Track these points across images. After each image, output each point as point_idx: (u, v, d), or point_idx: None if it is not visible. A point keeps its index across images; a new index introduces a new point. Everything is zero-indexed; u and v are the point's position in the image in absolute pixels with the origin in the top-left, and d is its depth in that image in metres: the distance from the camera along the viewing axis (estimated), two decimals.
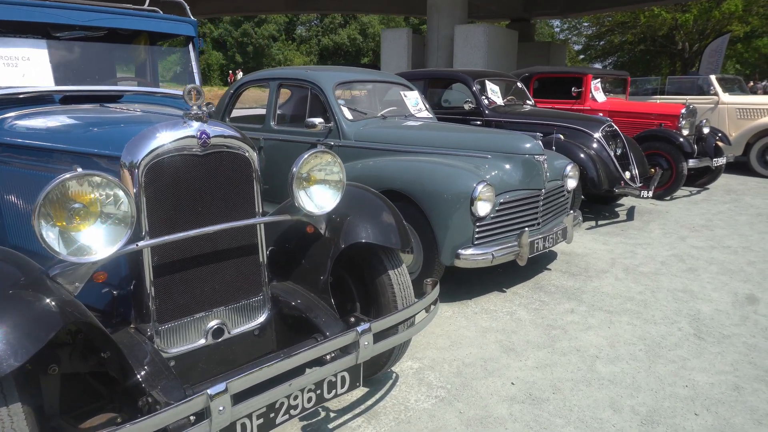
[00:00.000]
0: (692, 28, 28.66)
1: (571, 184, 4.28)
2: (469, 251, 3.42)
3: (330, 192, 2.20)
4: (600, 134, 5.72)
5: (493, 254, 3.44)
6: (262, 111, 5.20)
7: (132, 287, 1.88)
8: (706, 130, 7.38)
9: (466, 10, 14.20)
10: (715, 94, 9.24)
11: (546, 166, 3.80)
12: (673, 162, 6.75)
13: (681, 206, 6.58)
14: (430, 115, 5.07)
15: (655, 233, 5.36)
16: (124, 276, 1.91)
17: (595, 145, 5.68)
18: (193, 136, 1.87)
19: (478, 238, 3.48)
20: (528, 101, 7.03)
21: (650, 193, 5.57)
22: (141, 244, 1.74)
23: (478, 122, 6.29)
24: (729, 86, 9.72)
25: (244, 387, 1.57)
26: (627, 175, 5.70)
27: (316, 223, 2.24)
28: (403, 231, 2.39)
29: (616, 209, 6.37)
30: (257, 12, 37.60)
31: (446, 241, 3.42)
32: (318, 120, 4.28)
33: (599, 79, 7.76)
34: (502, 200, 3.55)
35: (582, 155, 5.38)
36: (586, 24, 36.40)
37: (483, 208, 3.40)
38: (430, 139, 4.04)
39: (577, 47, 42.36)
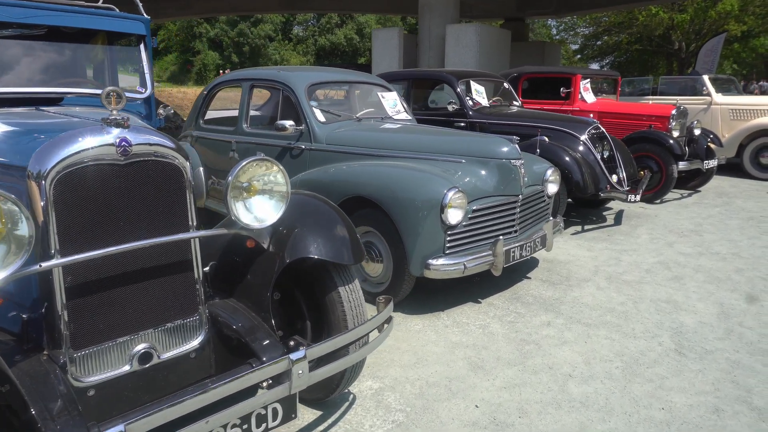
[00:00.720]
0: (689, 27, 28.54)
1: (552, 189, 4.11)
2: (440, 261, 3.25)
3: (272, 204, 2.02)
4: (586, 136, 5.56)
5: (465, 264, 3.27)
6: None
7: (43, 310, 1.71)
8: (697, 132, 7.22)
9: (458, 9, 14.04)
10: (708, 94, 9.09)
11: (523, 171, 3.63)
12: (663, 164, 6.59)
13: (671, 210, 6.42)
14: (409, 117, 4.90)
15: (642, 238, 5.20)
16: (36, 298, 1.74)
17: (581, 148, 5.52)
18: (111, 144, 1.69)
19: (449, 247, 3.31)
20: (515, 102, 6.86)
21: (638, 197, 5.40)
22: (45, 264, 1.57)
23: (462, 124, 6.13)
24: (722, 86, 9.57)
25: (146, 429, 1.40)
26: (614, 178, 5.53)
27: (258, 237, 2.07)
28: (356, 244, 2.22)
29: (604, 213, 6.21)
30: (252, 11, 37.47)
31: (415, 250, 3.25)
32: (288, 122, 4.11)
33: (589, 80, 7.60)
34: (475, 207, 3.38)
35: (567, 158, 5.22)
36: (583, 24, 36.32)
37: (454, 216, 3.24)
38: (404, 143, 3.87)
39: (574, 47, 42.26)
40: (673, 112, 6.88)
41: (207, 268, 2.13)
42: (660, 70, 33.55)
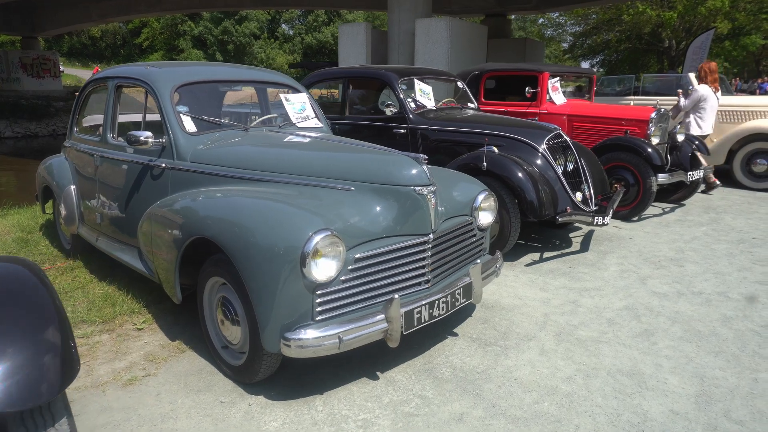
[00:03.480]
0: (678, 25, 27.75)
1: (485, 219, 3.17)
2: (306, 334, 2.30)
3: None
4: (545, 146, 4.62)
5: (341, 337, 2.32)
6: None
7: None
8: (680, 138, 6.31)
9: (429, 3, 13.10)
10: None
11: (434, 200, 2.68)
12: (640, 177, 5.67)
13: (649, 230, 5.50)
14: (319, 125, 3.96)
15: (610, 271, 4.27)
16: None
17: (538, 161, 4.58)
18: None
19: (321, 312, 2.36)
20: (470, 104, 5.93)
21: (606, 220, 4.47)
22: None
23: (402, 131, 5.18)
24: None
25: None
26: (578, 196, 4.60)
27: None
28: (68, 360, 1.28)
29: (571, 235, 5.28)
30: (225, 8, 36.45)
31: (270, 318, 2.30)
32: (144, 134, 3.16)
33: (558, 78, 6.67)
34: (358, 255, 2.43)
35: (519, 173, 4.28)
36: (571, 22, 35.52)
37: (325, 270, 2.29)
38: (283, 163, 2.91)
39: (565, 45, 41.36)
40: (653, 115, 5.97)
41: None
42: (651, 68, 32.75)
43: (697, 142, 6.58)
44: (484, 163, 4.34)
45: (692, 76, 8.28)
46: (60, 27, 31.48)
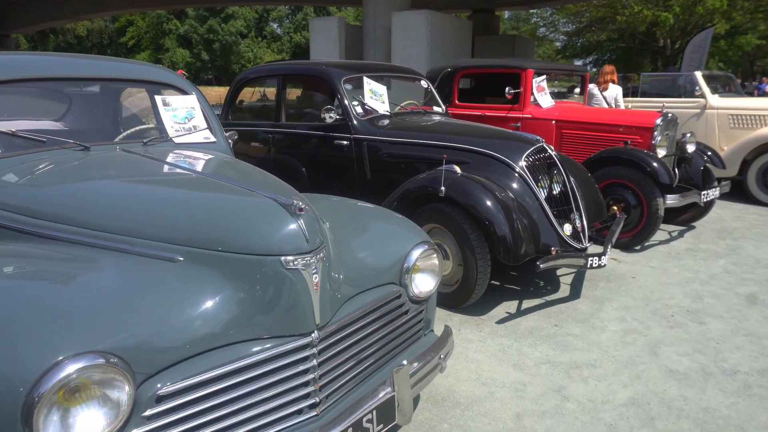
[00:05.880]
0: (674, 24, 26.83)
1: (424, 286, 2.09)
2: None
3: None
4: (523, 163, 3.56)
5: None
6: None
7: None
8: (690, 148, 5.28)
9: None
10: (702, 95, 7.15)
11: (319, 277, 1.59)
12: (644, 197, 4.62)
13: (655, 264, 4.45)
14: (211, 138, 2.88)
15: (609, 332, 3.21)
16: None
17: (514, 183, 3.51)
18: None
19: None
20: (437, 108, 4.86)
21: (604, 260, 3.42)
22: None
23: (345, 142, 4.10)
24: (719, 85, 7.67)
25: None
26: (567, 229, 3.54)
27: None
28: None
29: (558, 272, 4.22)
30: (203, 4, 35.43)
31: None
32: None
33: (545, 77, 5.62)
34: (164, 390, 1.35)
35: (488, 201, 3.21)
36: (563, 21, 34.58)
37: (85, 424, 1.21)
38: (86, 209, 1.81)
39: (559, 45, 40.33)
40: (658, 121, 4.93)
41: None
42: (645, 68, 31.81)
43: (709, 153, 5.54)
44: (442, 188, 3.27)
45: (699, 75, 7.25)
46: (33, 25, 30.27)
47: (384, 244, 2.06)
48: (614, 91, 6.55)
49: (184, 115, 2.92)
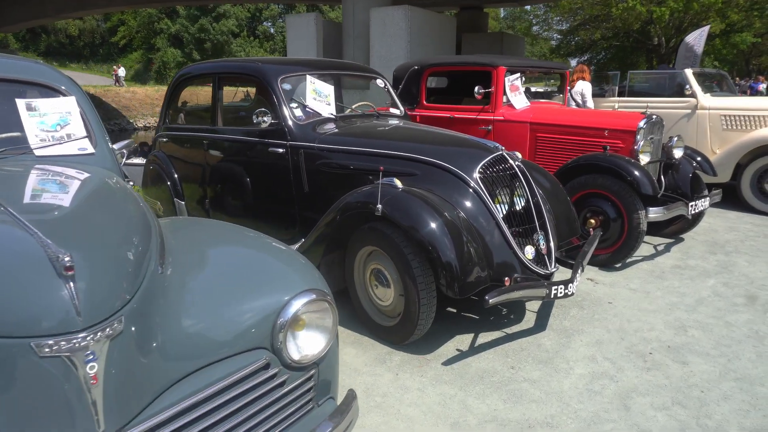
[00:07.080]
0: (668, 21, 26.37)
1: (308, 348, 1.58)
2: None
3: None
4: (477, 175, 3.04)
5: None
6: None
7: None
8: (678, 153, 4.78)
9: None
10: (693, 95, 6.66)
11: (104, 360, 1.09)
12: (624, 210, 4.12)
13: (636, 285, 3.95)
14: (88, 149, 2.37)
15: (573, 376, 2.71)
16: None
17: (467, 201, 3.01)
18: None
19: None
20: (394, 110, 4.36)
21: (572, 288, 2.92)
22: None
23: (280, 150, 3.60)
24: (711, 84, 7.18)
25: None
26: (529, 252, 3.03)
27: None
28: None
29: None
30: (187, 3, 34.94)
31: None
32: None
33: (518, 75, 5.11)
34: None
35: (431, 222, 2.70)
36: (557, 19, 34.10)
37: None
38: None
39: (554, 44, 39.80)
40: (641, 124, 4.43)
41: None
42: (640, 67, 31.33)
43: (699, 158, 5.05)
44: (378, 206, 2.77)
45: (690, 72, 6.75)
46: (16, 23, 29.73)
47: (253, 291, 1.56)
48: (580, 86, 6.32)
49: (56, 121, 2.41)
